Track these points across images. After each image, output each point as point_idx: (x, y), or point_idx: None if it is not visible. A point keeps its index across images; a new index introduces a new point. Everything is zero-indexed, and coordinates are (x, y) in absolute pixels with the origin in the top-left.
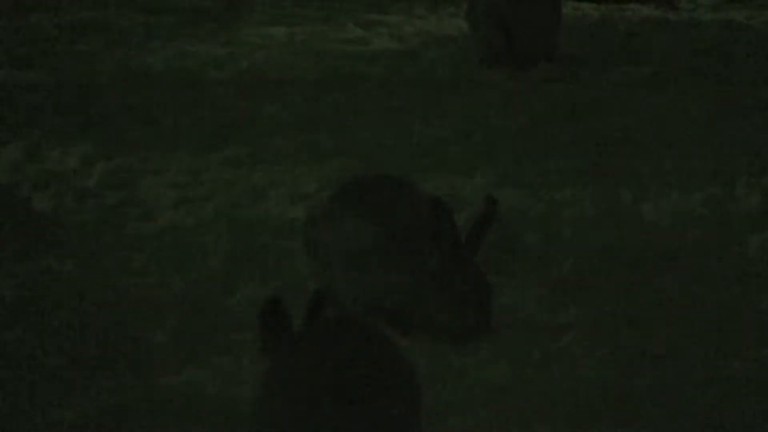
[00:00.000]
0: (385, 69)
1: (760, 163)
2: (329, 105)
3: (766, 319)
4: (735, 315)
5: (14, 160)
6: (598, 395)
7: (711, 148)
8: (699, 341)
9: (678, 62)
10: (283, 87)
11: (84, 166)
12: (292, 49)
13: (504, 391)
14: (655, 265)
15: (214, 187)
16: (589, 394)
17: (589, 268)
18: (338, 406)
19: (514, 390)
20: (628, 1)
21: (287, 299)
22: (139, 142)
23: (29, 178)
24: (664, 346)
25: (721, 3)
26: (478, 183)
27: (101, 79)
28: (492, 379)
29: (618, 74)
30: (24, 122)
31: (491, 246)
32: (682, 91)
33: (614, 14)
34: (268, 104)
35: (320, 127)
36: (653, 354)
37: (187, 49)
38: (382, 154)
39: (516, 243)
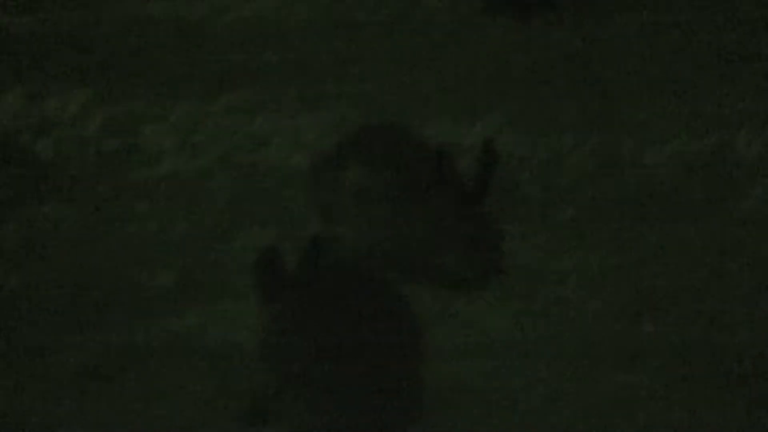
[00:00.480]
0: (387, 16)
1: (763, 110)
2: (331, 52)
3: (766, 264)
4: (735, 260)
5: (15, 107)
6: (600, 341)
7: (713, 95)
8: (700, 286)
9: (680, 10)
10: (285, 34)
11: (85, 113)
12: None
13: (506, 337)
14: (657, 212)
15: (216, 134)
16: (590, 340)
17: (590, 214)
18: (340, 354)
19: (516, 336)
20: None
21: (286, 246)
22: (141, 88)
23: (30, 125)
24: (665, 293)
25: None
26: (479, 130)
27: (102, 25)
28: (494, 325)
29: (620, 21)
30: (24, 68)
31: (492, 192)
32: (685, 38)
33: None
34: (270, 51)
35: (322, 75)
36: (654, 300)
37: None
38: (384, 102)
39: (517, 190)
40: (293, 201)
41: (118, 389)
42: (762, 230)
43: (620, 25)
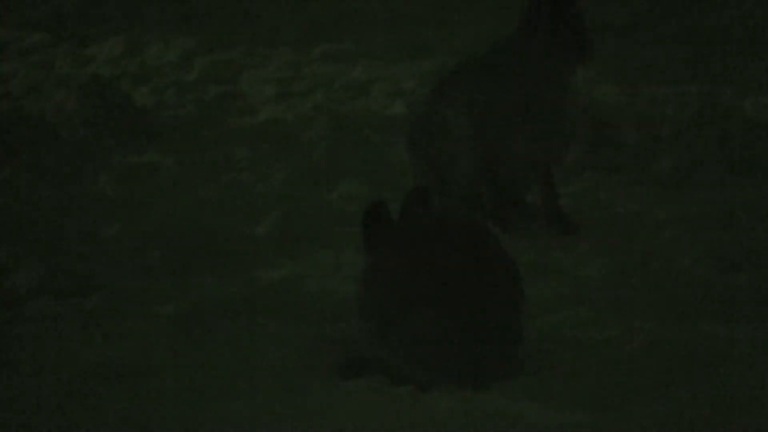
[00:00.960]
0: None
1: None
2: (429, 1)
3: None
4: None
5: (115, 54)
6: (696, 291)
7: None
8: None
9: None
10: None
11: (184, 61)
12: None
13: (602, 286)
14: (757, 165)
15: (315, 82)
16: (686, 290)
17: (689, 166)
18: (441, 302)
19: (612, 285)
20: None
21: (386, 195)
22: (240, 36)
23: (130, 72)
24: (761, 244)
25: None
26: (578, 79)
27: None
28: (591, 274)
29: None
30: (124, 16)
31: (590, 144)
32: None
33: None
34: (368, 0)
35: (420, 23)
36: (750, 252)
37: None
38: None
39: (615, 140)
40: (392, 149)
41: (213, 338)
42: None
43: None
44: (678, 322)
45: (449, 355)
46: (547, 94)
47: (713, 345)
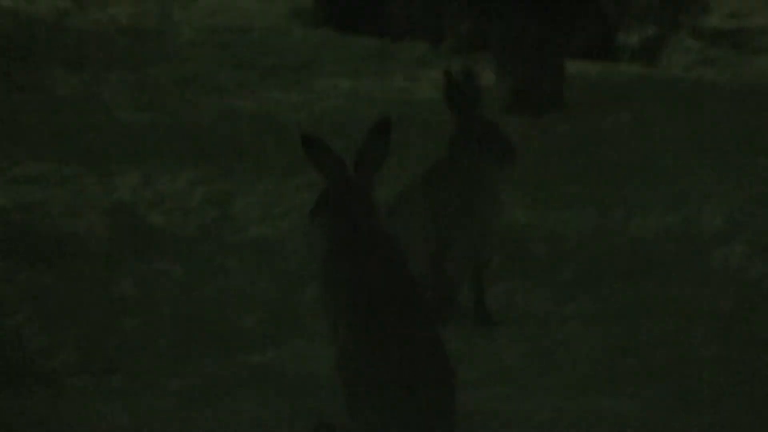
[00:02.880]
0: (429, 113)
1: (723, 191)
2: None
3: (724, 315)
4: (700, 312)
5: (134, 184)
6: (593, 372)
7: (685, 178)
8: (673, 331)
9: (660, 109)
10: (347, 128)
11: (189, 189)
12: (354, 97)
13: (519, 369)
14: (639, 271)
15: (292, 206)
16: (586, 371)
17: (586, 273)
18: (396, 390)
19: (526, 369)
20: (620, 60)
21: None
22: (233, 169)
23: (146, 198)
24: (645, 335)
25: (692, 63)
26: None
27: (203, 120)
28: (509, 360)
29: (613, 118)
30: (143, 154)
31: (507, 256)
32: (663, 131)
33: (610, 70)
34: (336, 141)
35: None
36: (637, 341)
37: (270, 97)
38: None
39: (527, 253)
40: None
41: (212, 407)
42: (721, 287)
43: (612, 121)
44: (578, 395)
45: (392, 405)
46: (482, 200)
47: (608, 416)
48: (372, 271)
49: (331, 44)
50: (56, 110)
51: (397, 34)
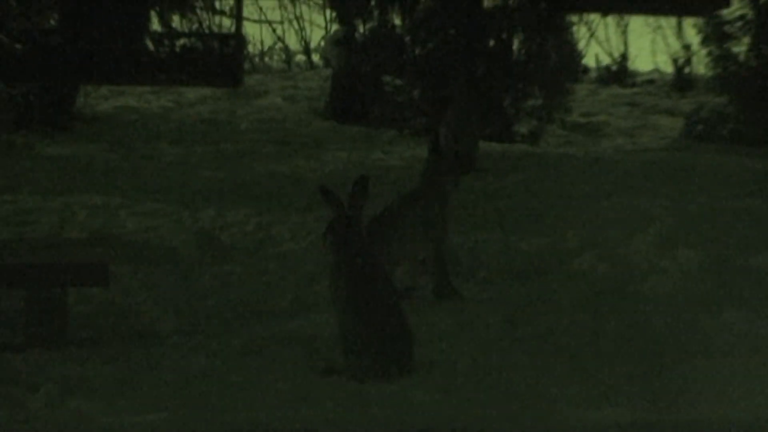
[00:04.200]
0: (396, 175)
1: (580, 221)
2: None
3: (580, 303)
4: (564, 300)
5: (212, 216)
6: (500, 335)
7: (556, 215)
8: (546, 312)
9: (540, 173)
10: (345, 183)
11: (246, 219)
12: (349, 164)
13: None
14: (527, 274)
15: (311, 230)
16: (498, 330)
17: (495, 274)
18: (370, 318)
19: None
20: (514, 141)
21: None
22: (273, 208)
23: (219, 225)
24: (532, 315)
25: (560, 144)
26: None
27: (255, 177)
28: (440, 328)
29: (509, 179)
30: (218, 197)
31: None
32: (542, 187)
33: (508, 147)
34: (338, 191)
35: None
36: (531, 318)
37: (297, 163)
38: None
39: (455, 259)
40: None
41: (260, 357)
42: (578, 285)
43: (510, 181)
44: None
45: (373, 354)
46: (445, 207)
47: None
48: (360, 270)
49: (334, 131)
50: (163, 169)
51: (375, 124)
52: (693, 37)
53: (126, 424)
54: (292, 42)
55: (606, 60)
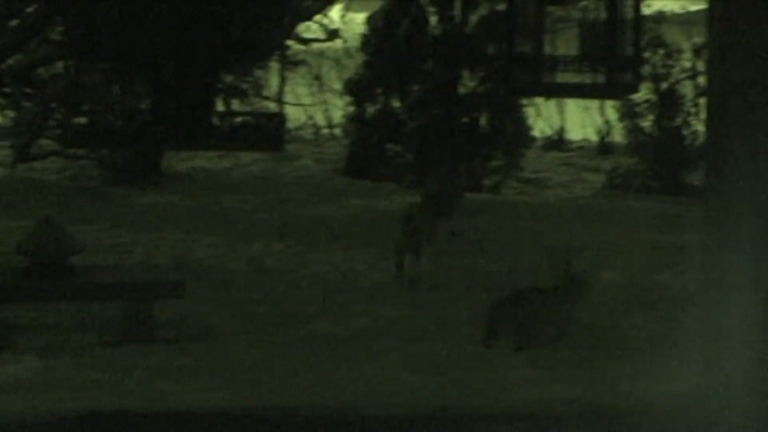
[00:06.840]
0: (395, 217)
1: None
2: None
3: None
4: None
5: (259, 248)
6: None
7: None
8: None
9: (500, 215)
10: (359, 225)
11: (285, 249)
12: (362, 208)
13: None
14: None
15: (334, 258)
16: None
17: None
18: None
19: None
20: (481, 192)
21: None
22: (304, 242)
23: (265, 253)
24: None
25: (516, 193)
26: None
27: (292, 219)
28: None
29: (475, 220)
30: (263, 234)
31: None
32: (506, 225)
33: (476, 196)
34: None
35: None
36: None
37: (323, 207)
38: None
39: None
40: None
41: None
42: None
43: (475, 222)
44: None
45: None
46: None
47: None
48: None
49: (351, 185)
50: (225, 213)
51: (380, 180)
52: (612, 114)
53: (199, 401)
54: (319, 119)
55: (548, 132)
